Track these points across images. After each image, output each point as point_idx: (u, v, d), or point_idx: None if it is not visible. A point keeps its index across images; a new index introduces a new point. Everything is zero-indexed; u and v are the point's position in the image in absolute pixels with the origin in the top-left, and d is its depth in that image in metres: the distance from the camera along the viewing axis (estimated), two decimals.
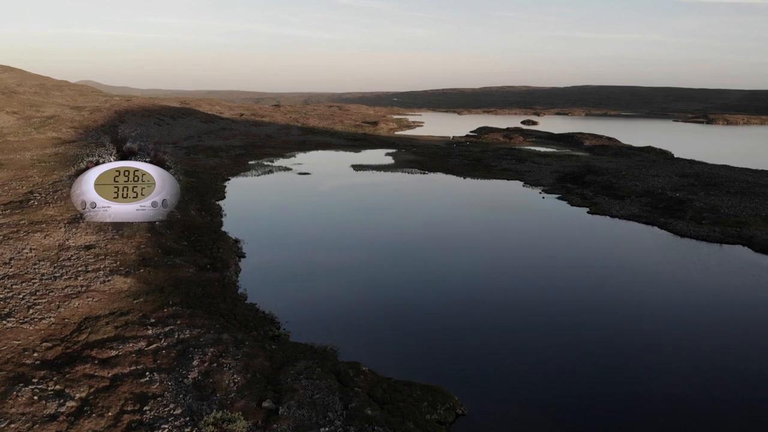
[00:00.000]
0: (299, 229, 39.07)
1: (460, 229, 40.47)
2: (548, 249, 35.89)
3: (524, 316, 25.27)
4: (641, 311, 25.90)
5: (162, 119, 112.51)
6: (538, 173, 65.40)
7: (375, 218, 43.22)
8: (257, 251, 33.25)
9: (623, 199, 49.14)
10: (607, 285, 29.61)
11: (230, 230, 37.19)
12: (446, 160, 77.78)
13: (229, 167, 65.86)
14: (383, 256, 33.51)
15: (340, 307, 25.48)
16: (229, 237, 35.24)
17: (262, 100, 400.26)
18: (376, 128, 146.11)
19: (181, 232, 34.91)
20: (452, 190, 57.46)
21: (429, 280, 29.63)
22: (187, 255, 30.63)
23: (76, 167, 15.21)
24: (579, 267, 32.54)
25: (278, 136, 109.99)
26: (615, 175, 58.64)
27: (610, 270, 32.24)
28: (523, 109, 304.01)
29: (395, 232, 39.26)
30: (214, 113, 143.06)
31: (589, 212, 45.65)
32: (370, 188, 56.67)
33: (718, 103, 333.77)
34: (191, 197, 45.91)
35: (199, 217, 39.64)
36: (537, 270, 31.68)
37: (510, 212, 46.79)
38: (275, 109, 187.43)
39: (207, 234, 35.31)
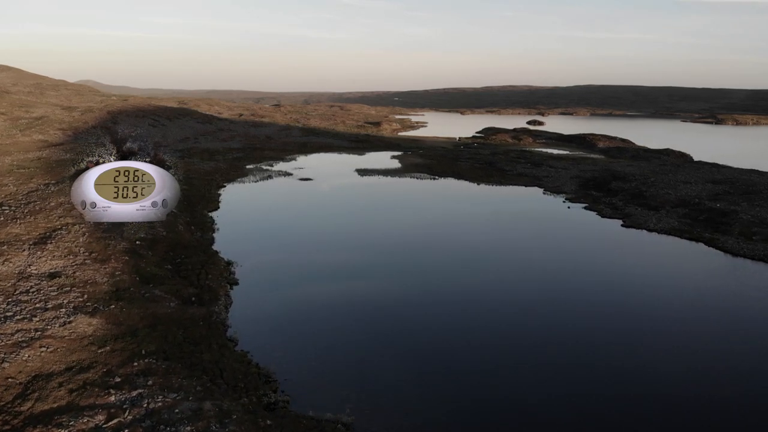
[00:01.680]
0: (300, 248, 34.47)
1: (483, 247, 36.00)
2: (585, 272, 31.42)
3: (571, 360, 20.72)
4: (714, 359, 21.39)
5: (157, 120, 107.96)
6: (557, 179, 60.87)
7: (386, 235, 38.65)
8: (252, 276, 28.69)
9: (657, 209, 44.60)
10: (660, 320, 25.06)
11: (222, 249, 32.66)
12: (456, 163, 73.22)
13: (225, 172, 61.31)
14: (400, 283, 28.94)
15: (353, 355, 20.89)
16: (221, 258, 30.68)
17: (263, 99, 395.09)
18: (379, 129, 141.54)
19: (165, 253, 30.37)
20: (467, 198, 52.96)
21: (457, 314, 25.13)
22: (170, 283, 26.09)
23: (75, 167, 15.50)
24: (622, 294, 28.04)
25: (278, 138, 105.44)
26: (643, 181, 54.07)
27: (663, 301, 27.64)
28: (526, 109, 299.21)
29: (411, 252, 34.68)
30: (212, 113, 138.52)
31: (624, 225, 41.09)
32: (378, 197, 52.14)
33: (723, 103, 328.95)
34: (181, 209, 41.35)
35: (188, 233, 35.09)
36: (575, 298, 27.20)
37: (534, 225, 42.29)
38: (275, 109, 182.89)
39: (195, 255, 30.75)
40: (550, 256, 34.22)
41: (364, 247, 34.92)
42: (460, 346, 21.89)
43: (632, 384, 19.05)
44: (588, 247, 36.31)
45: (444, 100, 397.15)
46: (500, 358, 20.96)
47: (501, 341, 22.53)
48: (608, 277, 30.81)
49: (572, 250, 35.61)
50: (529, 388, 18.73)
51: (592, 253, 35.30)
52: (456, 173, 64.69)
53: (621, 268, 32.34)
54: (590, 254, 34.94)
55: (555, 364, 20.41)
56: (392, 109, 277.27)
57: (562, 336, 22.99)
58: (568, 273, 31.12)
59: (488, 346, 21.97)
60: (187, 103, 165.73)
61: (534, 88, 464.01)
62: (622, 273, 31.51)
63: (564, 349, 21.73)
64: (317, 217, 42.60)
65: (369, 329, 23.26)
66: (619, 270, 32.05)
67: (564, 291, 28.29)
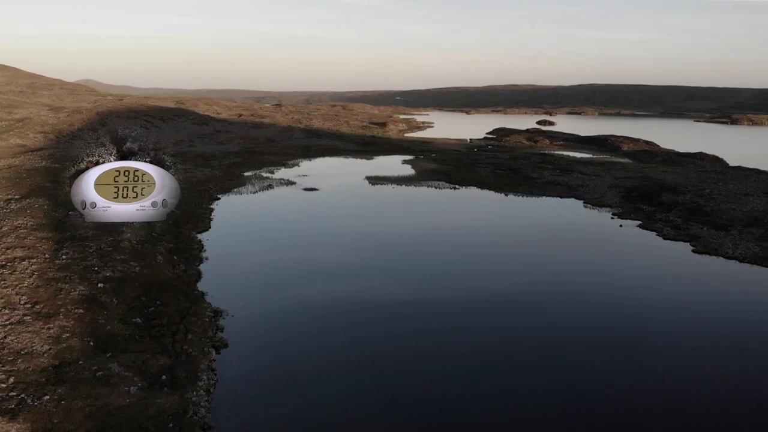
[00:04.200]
0: (307, 285, 27.58)
1: (526, 278, 29.26)
2: (663, 315, 24.69)
3: None
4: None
5: (150, 121, 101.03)
6: (593, 188, 54.03)
7: (410, 265, 31.67)
8: (245, 335, 21.76)
9: (726, 229, 37.79)
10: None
11: (210, 288, 25.88)
12: (475, 169, 66.40)
13: (220, 181, 54.49)
14: (453, 347, 22.13)
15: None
16: (206, 305, 23.80)
17: (263, 99, 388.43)
18: (385, 130, 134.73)
19: (135, 299, 23.56)
20: (496, 212, 46.24)
21: (503, 372, 18.38)
22: (135, 349, 19.26)
23: (76, 167, 18.46)
24: (723, 354, 21.30)
25: (279, 140, 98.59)
26: (698, 194, 47.21)
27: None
28: (532, 109, 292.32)
29: (442, 288, 27.89)
30: (210, 114, 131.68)
31: (695, 251, 34.25)
32: (396, 213, 45.29)
33: (731, 102, 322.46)
34: (164, 230, 34.58)
35: (169, 267, 28.26)
36: (661, 358, 20.45)
37: (585, 250, 35.55)
38: (276, 109, 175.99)
39: (174, 300, 23.93)
40: (615, 292, 27.53)
41: (392, 289, 27.89)
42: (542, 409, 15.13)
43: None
44: (662, 284, 29.40)
45: (447, 100, 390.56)
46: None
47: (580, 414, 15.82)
48: (694, 327, 24.11)
49: (642, 286, 28.81)
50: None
51: (667, 291, 28.44)
52: (478, 181, 57.85)
53: (710, 314, 25.59)
54: (666, 293, 28.10)
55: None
56: (395, 108, 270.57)
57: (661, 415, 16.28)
58: (644, 319, 24.43)
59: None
60: (184, 102, 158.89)
61: (537, 87, 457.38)
62: (712, 320, 24.76)
63: None
64: (326, 241, 35.70)
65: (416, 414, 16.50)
66: (708, 317, 25.29)
67: (644, 342, 21.61)
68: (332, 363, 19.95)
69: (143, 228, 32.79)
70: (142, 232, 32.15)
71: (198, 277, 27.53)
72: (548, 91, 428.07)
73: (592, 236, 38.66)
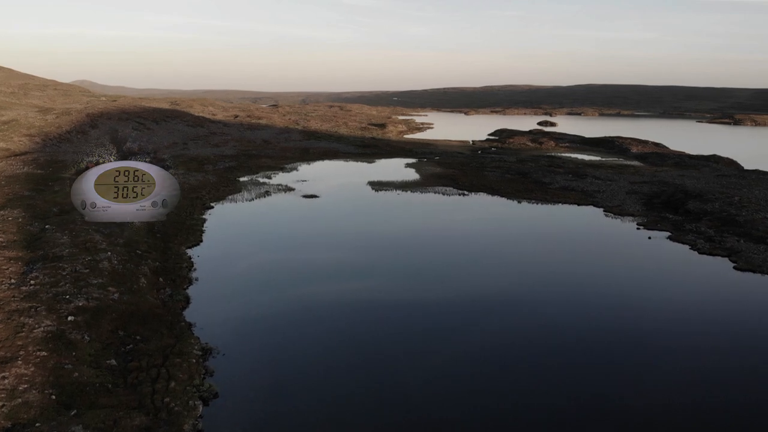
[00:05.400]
0: (309, 315, 24.11)
1: (557, 297, 26.02)
2: (714, 342, 21.48)
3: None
4: None
5: (143, 123, 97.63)
6: (611, 195, 50.80)
7: (429, 285, 28.48)
8: (239, 380, 18.36)
9: (766, 242, 34.61)
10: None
11: (199, 318, 22.55)
12: (482, 173, 63.15)
13: (213, 187, 51.15)
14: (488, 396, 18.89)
15: None
16: (195, 340, 20.42)
17: (260, 99, 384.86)
18: (385, 131, 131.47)
19: (111, 333, 20.24)
20: (512, 222, 43.00)
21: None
22: (107, 405, 15.93)
23: (76, 167, 16.73)
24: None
25: (276, 142, 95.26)
26: (727, 201, 44.01)
27: None
28: (531, 109, 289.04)
29: (478, 312, 24.64)
30: (205, 115, 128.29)
31: (737, 267, 31.02)
32: (403, 221, 42.01)
33: (730, 102, 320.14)
34: (150, 245, 31.26)
35: (152, 290, 24.92)
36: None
37: (613, 264, 32.36)
38: (273, 109, 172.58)
39: (157, 335, 20.61)
40: (652, 317, 24.26)
41: (409, 316, 24.66)
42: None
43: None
44: (707, 306, 26.20)
45: (444, 100, 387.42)
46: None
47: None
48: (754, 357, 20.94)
49: (683, 308, 25.62)
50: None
51: (714, 316, 25.24)
52: (487, 187, 54.56)
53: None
54: (713, 318, 24.90)
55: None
56: (393, 109, 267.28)
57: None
58: (695, 349, 21.24)
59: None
60: (179, 103, 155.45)
61: (535, 88, 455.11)
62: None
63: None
64: (332, 258, 32.29)
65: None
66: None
67: (699, 378, 18.43)
68: (343, 413, 16.69)
69: (126, 245, 29.48)
70: (125, 249, 28.83)
71: (186, 304, 24.18)
72: (546, 91, 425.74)
73: (619, 250, 35.36)
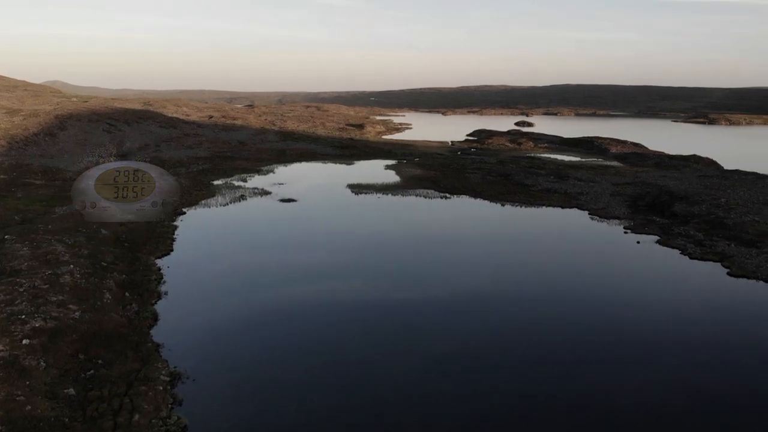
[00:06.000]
0: (286, 332, 22.54)
1: (545, 304, 24.76)
2: (713, 355, 20.37)
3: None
4: None
5: (113, 125, 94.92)
6: (595, 197, 49.86)
7: (415, 297, 27.07)
8: (211, 411, 16.63)
9: (757, 246, 33.78)
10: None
11: (168, 337, 20.83)
12: (463, 175, 61.93)
13: (186, 192, 49.07)
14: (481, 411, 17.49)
15: None
16: (162, 364, 18.70)
17: (235, 99, 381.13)
18: (363, 132, 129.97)
19: (71, 357, 18.47)
20: (497, 226, 41.78)
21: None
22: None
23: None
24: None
25: (252, 144, 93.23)
26: (714, 203, 43.24)
27: None
28: (508, 109, 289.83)
29: (464, 334, 23.24)
30: (178, 116, 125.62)
31: (730, 273, 30.05)
32: (385, 227, 40.57)
33: (704, 102, 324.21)
34: (117, 256, 29.39)
35: (117, 307, 23.09)
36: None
37: (602, 270, 31.29)
38: (248, 110, 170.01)
39: (121, 357, 18.87)
40: (648, 328, 23.13)
41: (393, 331, 23.20)
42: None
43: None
44: (703, 317, 25.11)
45: (421, 100, 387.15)
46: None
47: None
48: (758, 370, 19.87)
49: (678, 319, 24.53)
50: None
51: (712, 327, 24.17)
52: (470, 189, 53.32)
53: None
54: (711, 331, 23.82)
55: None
56: (371, 109, 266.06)
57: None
58: (689, 366, 20.12)
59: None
60: (152, 104, 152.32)
61: (511, 88, 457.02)
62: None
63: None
64: (311, 267, 30.72)
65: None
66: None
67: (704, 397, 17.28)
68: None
69: (90, 257, 27.59)
70: (89, 261, 26.95)
71: (154, 321, 22.41)
72: (522, 91, 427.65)
73: (608, 255, 34.32)
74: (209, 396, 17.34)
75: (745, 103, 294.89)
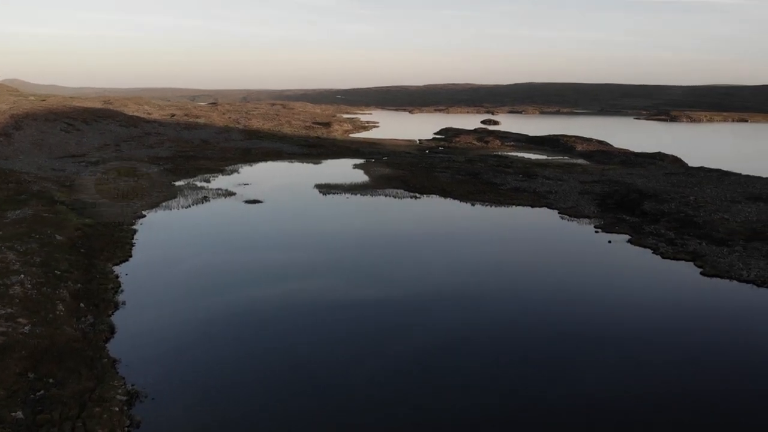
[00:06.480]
0: (252, 344, 21.49)
1: (522, 308, 24.11)
2: (685, 355, 19.96)
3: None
4: None
5: (72, 124, 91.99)
6: (564, 196, 49.62)
7: (385, 306, 26.15)
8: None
9: (727, 244, 33.76)
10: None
11: (125, 352, 19.57)
12: (432, 174, 61.26)
13: (146, 193, 47.44)
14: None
15: None
16: (119, 381, 17.46)
17: (198, 97, 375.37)
18: (330, 130, 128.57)
19: (20, 377, 17.11)
20: (466, 227, 41.06)
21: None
22: None
23: None
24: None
25: (216, 142, 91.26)
26: (683, 201, 43.34)
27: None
28: (474, 107, 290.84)
29: (449, 336, 22.42)
30: (140, 114, 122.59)
31: (704, 273, 29.84)
32: (354, 230, 39.58)
33: (665, 99, 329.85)
34: (72, 263, 27.84)
35: (71, 319, 21.68)
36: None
37: (575, 272, 30.82)
38: (212, 108, 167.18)
39: (75, 375, 17.56)
40: (626, 328, 22.68)
41: (372, 347, 22.27)
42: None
43: None
44: (681, 322, 24.74)
45: (388, 98, 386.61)
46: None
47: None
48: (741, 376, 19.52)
49: (656, 324, 24.12)
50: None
51: (690, 334, 23.82)
52: (439, 189, 52.65)
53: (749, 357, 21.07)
54: (690, 337, 23.47)
55: None
56: (338, 107, 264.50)
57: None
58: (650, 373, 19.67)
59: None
60: (112, 102, 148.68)
61: (476, 86, 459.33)
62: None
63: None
64: (275, 272, 29.66)
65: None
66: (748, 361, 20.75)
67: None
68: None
69: (43, 265, 26.04)
70: (41, 270, 25.41)
71: (110, 334, 21.07)
72: (487, 90, 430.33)
73: (580, 255, 33.94)
74: (170, 417, 16.16)
75: (705, 100, 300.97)
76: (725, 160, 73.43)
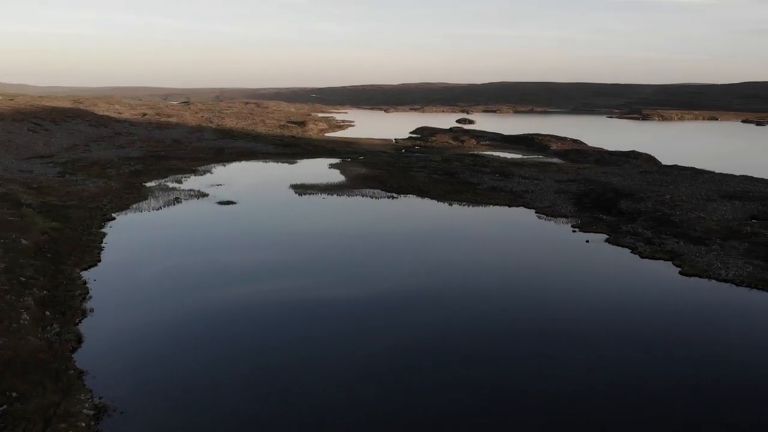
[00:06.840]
0: (226, 352, 20.76)
1: (503, 309, 23.75)
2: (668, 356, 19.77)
3: None
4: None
5: (39, 124, 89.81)
6: (540, 195, 49.52)
7: (365, 313, 25.58)
8: None
9: (705, 243, 33.83)
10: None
11: (92, 363, 18.73)
12: (409, 174, 60.84)
13: (116, 195, 46.24)
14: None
15: None
16: (86, 395, 16.64)
17: (171, 96, 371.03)
18: (305, 129, 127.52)
19: None
20: (444, 227, 40.65)
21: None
22: None
23: None
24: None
25: (189, 142, 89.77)
26: (659, 200, 43.45)
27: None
28: (449, 107, 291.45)
29: (415, 350, 21.91)
30: (110, 114, 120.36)
31: (682, 273, 29.77)
32: (331, 230, 38.91)
33: (636, 98, 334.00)
34: (38, 269, 26.78)
35: (36, 328, 20.74)
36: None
37: (554, 273, 30.53)
38: (184, 107, 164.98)
39: (39, 388, 16.70)
40: (605, 336, 22.45)
41: (355, 354, 21.70)
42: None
43: None
44: (663, 324, 24.56)
45: (363, 97, 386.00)
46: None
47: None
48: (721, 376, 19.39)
49: (639, 328, 23.94)
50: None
51: (671, 335, 23.67)
52: (416, 189, 52.22)
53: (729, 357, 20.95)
54: (671, 338, 23.33)
55: None
56: (313, 106, 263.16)
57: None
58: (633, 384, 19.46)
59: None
60: (82, 102, 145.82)
61: (450, 86, 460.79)
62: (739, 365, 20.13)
63: None
64: (248, 276, 28.94)
65: None
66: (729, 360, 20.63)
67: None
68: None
69: (7, 271, 24.97)
70: (5, 276, 24.35)
71: (77, 343, 20.18)
72: (462, 89, 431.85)
73: (558, 256, 33.62)
74: (139, 425, 15.40)
75: (675, 99, 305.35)
76: (697, 159, 74.18)
